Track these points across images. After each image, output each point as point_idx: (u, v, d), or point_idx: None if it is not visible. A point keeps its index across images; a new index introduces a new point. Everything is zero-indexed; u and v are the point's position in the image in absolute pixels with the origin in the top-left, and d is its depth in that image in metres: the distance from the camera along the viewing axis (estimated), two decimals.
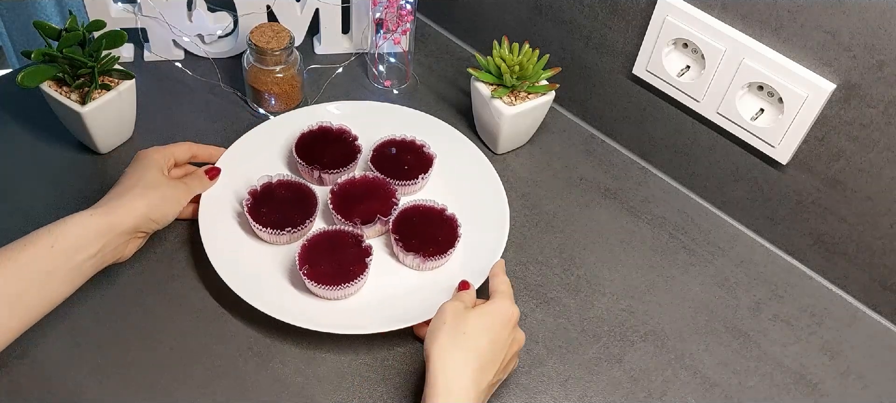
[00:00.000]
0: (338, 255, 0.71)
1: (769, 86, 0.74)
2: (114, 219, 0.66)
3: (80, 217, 0.64)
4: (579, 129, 0.95)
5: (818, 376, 0.73)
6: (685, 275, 0.80)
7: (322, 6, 0.96)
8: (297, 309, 0.69)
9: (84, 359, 0.67)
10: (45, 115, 0.83)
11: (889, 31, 0.64)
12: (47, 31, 0.76)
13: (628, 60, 0.85)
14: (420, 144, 0.83)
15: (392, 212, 0.76)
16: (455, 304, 0.63)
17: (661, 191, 0.88)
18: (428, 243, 0.74)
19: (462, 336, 0.60)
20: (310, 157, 0.80)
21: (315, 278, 0.69)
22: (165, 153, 0.75)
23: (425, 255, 0.73)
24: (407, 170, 0.81)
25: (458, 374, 0.58)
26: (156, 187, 0.70)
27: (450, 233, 0.75)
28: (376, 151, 0.82)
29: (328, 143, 0.82)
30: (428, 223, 0.76)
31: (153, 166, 0.72)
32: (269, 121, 0.86)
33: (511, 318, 0.63)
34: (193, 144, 0.79)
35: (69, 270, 0.63)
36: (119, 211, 0.67)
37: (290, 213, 0.75)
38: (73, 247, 0.63)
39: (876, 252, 0.75)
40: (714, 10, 0.75)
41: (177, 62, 0.96)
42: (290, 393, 0.67)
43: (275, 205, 0.76)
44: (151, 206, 0.69)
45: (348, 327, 0.68)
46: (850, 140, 0.72)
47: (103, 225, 0.65)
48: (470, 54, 1.03)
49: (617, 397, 0.69)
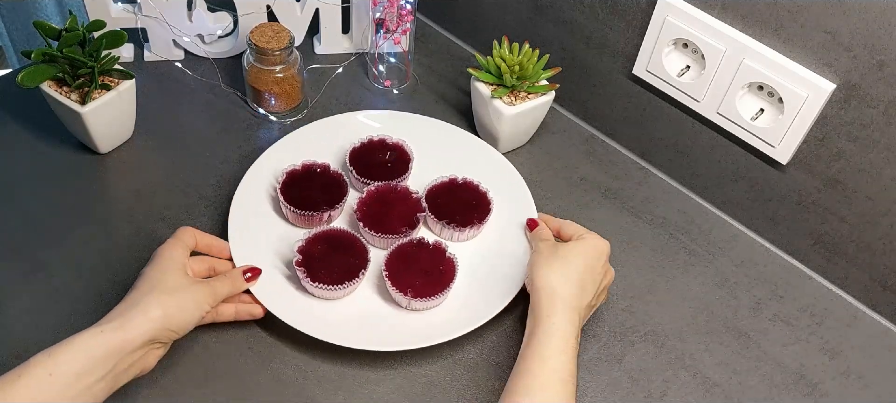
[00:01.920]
0: (338, 258, 0.71)
1: (769, 86, 0.74)
2: (125, 335, 0.58)
3: (84, 336, 0.57)
4: (579, 129, 0.95)
5: (818, 376, 0.73)
6: (685, 275, 0.80)
7: (322, 6, 0.96)
8: (306, 315, 0.69)
9: None
10: (45, 115, 0.83)
11: (889, 31, 0.64)
12: (47, 31, 0.76)
13: (628, 60, 0.85)
14: (489, 199, 0.79)
15: (403, 232, 0.75)
16: (544, 243, 0.72)
17: (662, 191, 0.88)
18: (412, 281, 0.70)
19: (559, 260, 0.68)
20: (363, 169, 0.80)
21: (307, 269, 0.69)
22: (182, 246, 0.67)
23: (414, 294, 0.70)
24: (466, 213, 0.77)
25: (562, 283, 0.66)
26: (175, 292, 0.62)
27: (438, 285, 0.71)
28: (434, 188, 0.79)
29: (379, 157, 0.81)
30: (430, 259, 0.73)
31: (174, 266, 0.64)
32: (314, 124, 0.86)
33: (604, 250, 0.70)
34: (196, 231, 0.70)
35: (74, 397, 0.55)
36: (131, 324, 0.59)
37: (316, 198, 0.75)
38: (76, 373, 0.55)
39: (876, 252, 0.75)
40: (714, 10, 0.75)
41: (177, 62, 0.96)
42: (290, 393, 0.67)
43: (308, 188, 0.76)
44: (169, 314, 0.61)
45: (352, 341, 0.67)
46: (850, 140, 0.72)
47: (113, 344, 0.57)
48: (470, 54, 1.03)
49: (617, 397, 0.69)
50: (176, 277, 0.63)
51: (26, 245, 0.74)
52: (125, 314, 0.59)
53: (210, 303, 0.65)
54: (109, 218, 0.78)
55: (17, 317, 0.69)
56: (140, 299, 0.60)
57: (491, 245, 0.78)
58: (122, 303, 0.61)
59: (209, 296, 0.65)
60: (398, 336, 0.69)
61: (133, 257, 0.74)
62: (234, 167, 0.84)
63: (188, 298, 0.63)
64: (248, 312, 0.69)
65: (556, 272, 0.67)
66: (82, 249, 0.75)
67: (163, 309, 0.60)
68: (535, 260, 0.70)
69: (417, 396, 0.67)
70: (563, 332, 0.63)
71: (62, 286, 0.72)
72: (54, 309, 0.70)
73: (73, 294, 0.71)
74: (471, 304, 0.72)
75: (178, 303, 0.62)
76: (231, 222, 0.74)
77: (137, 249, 0.75)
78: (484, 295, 0.73)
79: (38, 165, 0.82)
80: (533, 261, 0.70)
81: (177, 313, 0.61)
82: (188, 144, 0.87)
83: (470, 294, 0.73)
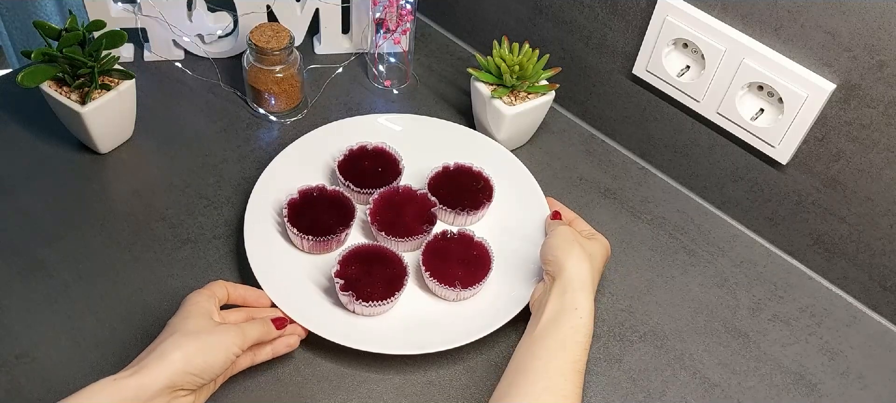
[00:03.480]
0: (377, 271, 0.71)
1: (769, 86, 0.74)
2: (141, 380, 0.55)
3: (99, 385, 0.54)
4: (579, 129, 0.95)
5: (818, 376, 0.73)
6: (685, 275, 0.80)
7: (322, 6, 0.96)
8: (321, 319, 0.69)
9: (84, 359, 0.67)
10: (45, 115, 0.83)
11: (889, 31, 0.64)
12: (47, 31, 0.76)
13: (628, 60, 0.85)
14: (487, 177, 0.80)
15: (425, 231, 0.75)
16: (567, 229, 0.72)
17: (661, 191, 0.88)
18: (454, 273, 0.72)
19: (585, 251, 0.69)
20: (354, 177, 0.79)
21: (354, 291, 0.68)
22: (209, 294, 0.64)
23: (463, 285, 0.71)
24: (470, 197, 0.79)
25: (590, 272, 0.67)
26: (197, 335, 0.58)
27: (480, 270, 0.72)
28: (433, 181, 0.80)
29: (369, 164, 0.81)
30: (461, 248, 0.74)
31: (198, 312, 0.61)
32: (319, 131, 0.85)
33: (609, 251, 0.74)
34: (228, 284, 0.67)
35: None
36: (147, 369, 0.55)
37: (327, 221, 0.74)
38: None
39: (876, 252, 0.75)
40: (714, 10, 0.75)
41: (177, 62, 0.96)
42: (289, 393, 0.67)
43: (313, 213, 0.75)
44: (189, 358, 0.57)
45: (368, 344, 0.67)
46: (849, 140, 0.72)
47: (129, 392, 0.54)
48: (470, 54, 1.03)
49: (616, 397, 0.69)
50: (199, 321, 0.60)
51: (26, 244, 0.75)
52: (142, 360, 0.57)
53: (239, 346, 0.60)
54: (109, 218, 0.78)
55: (17, 317, 0.69)
56: (159, 345, 0.58)
57: (502, 237, 0.78)
58: (143, 352, 0.58)
59: (238, 338, 0.60)
60: (400, 339, 0.69)
61: (133, 257, 0.75)
62: (234, 167, 0.84)
63: (213, 341, 0.59)
64: (285, 344, 0.66)
65: (585, 261, 0.67)
66: (82, 249, 0.75)
67: (182, 353, 0.57)
68: (564, 244, 0.69)
69: (417, 396, 0.67)
70: (589, 320, 0.64)
71: (62, 286, 0.72)
72: (54, 309, 0.70)
73: (73, 294, 0.71)
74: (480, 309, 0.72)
75: (201, 347, 0.58)
76: (252, 261, 0.71)
77: (137, 249, 0.75)
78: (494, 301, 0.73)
79: (38, 165, 0.82)
80: (559, 245, 0.69)
81: (199, 356, 0.57)
82: (188, 144, 0.87)
83: (480, 298, 0.74)
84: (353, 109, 0.93)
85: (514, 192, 0.82)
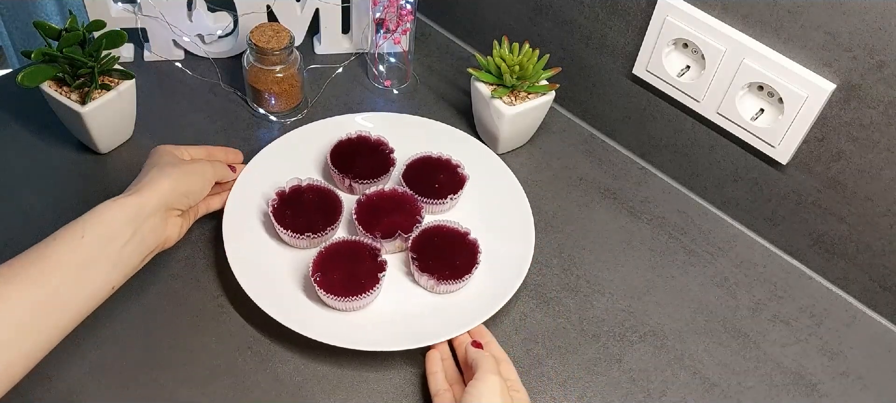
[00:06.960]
0: (352, 266, 0.71)
1: (769, 86, 0.74)
2: (140, 198, 0.64)
3: (107, 203, 0.63)
4: (579, 129, 0.95)
5: (817, 376, 0.73)
6: (685, 276, 0.80)
7: (322, 6, 0.96)
8: (305, 317, 0.69)
9: (84, 359, 0.67)
10: (45, 115, 0.83)
11: (889, 31, 0.64)
12: (47, 31, 0.76)
13: (628, 60, 0.85)
14: (455, 164, 0.81)
15: (414, 230, 0.75)
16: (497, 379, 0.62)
17: (661, 191, 0.88)
18: (445, 266, 0.72)
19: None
20: (343, 165, 0.80)
21: (326, 287, 0.69)
22: (181, 147, 0.74)
23: (440, 278, 0.71)
24: (438, 188, 0.79)
25: None
26: (176, 165, 0.69)
27: (469, 259, 0.73)
28: (409, 167, 0.81)
29: (364, 153, 0.81)
30: (449, 245, 0.74)
31: (170, 155, 0.71)
32: (307, 127, 0.86)
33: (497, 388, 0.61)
34: (210, 147, 0.79)
35: (105, 260, 0.61)
36: (144, 191, 0.65)
37: (314, 218, 0.75)
38: (106, 236, 0.61)
39: (876, 252, 0.75)
40: (714, 10, 0.75)
41: (177, 62, 0.96)
42: (289, 393, 0.67)
43: (300, 209, 0.75)
44: (176, 180, 0.67)
45: (353, 341, 0.67)
46: (849, 140, 0.72)
47: (131, 208, 0.63)
48: (470, 54, 1.03)
49: (616, 397, 0.69)
50: (174, 159, 0.70)
51: (26, 245, 0.74)
52: (136, 186, 0.66)
53: (212, 174, 0.73)
54: None
55: None
56: (145, 175, 0.67)
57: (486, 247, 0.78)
58: (131, 185, 0.67)
59: (210, 167, 0.73)
60: (394, 336, 0.69)
61: None
62: None
63: (193, 169, 0.70)
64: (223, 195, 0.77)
65: None
66: None
67: (170, 179, 0.67)
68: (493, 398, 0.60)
69: (417, 395, 0.67)
70: None
71: None
72: None
73: None
74: (466, 303, 0.72)
75: (184, 173, 0.69)
76: (227, 243, 0.73)
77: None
78: (484, 290, 0.73)
79: (38, 165, 0.82)
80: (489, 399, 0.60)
81: (184, 179, 0.68)
82: (188, 144, 0.86)
83: (467, 291, 0.73)
84: (354, 109, 0.93)
85: (494, 190, 0.82)
